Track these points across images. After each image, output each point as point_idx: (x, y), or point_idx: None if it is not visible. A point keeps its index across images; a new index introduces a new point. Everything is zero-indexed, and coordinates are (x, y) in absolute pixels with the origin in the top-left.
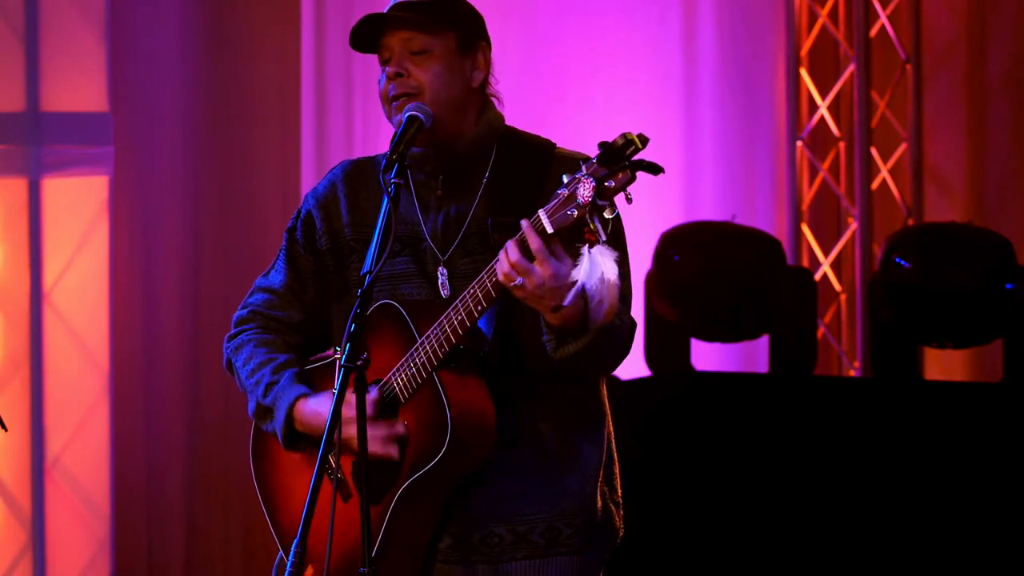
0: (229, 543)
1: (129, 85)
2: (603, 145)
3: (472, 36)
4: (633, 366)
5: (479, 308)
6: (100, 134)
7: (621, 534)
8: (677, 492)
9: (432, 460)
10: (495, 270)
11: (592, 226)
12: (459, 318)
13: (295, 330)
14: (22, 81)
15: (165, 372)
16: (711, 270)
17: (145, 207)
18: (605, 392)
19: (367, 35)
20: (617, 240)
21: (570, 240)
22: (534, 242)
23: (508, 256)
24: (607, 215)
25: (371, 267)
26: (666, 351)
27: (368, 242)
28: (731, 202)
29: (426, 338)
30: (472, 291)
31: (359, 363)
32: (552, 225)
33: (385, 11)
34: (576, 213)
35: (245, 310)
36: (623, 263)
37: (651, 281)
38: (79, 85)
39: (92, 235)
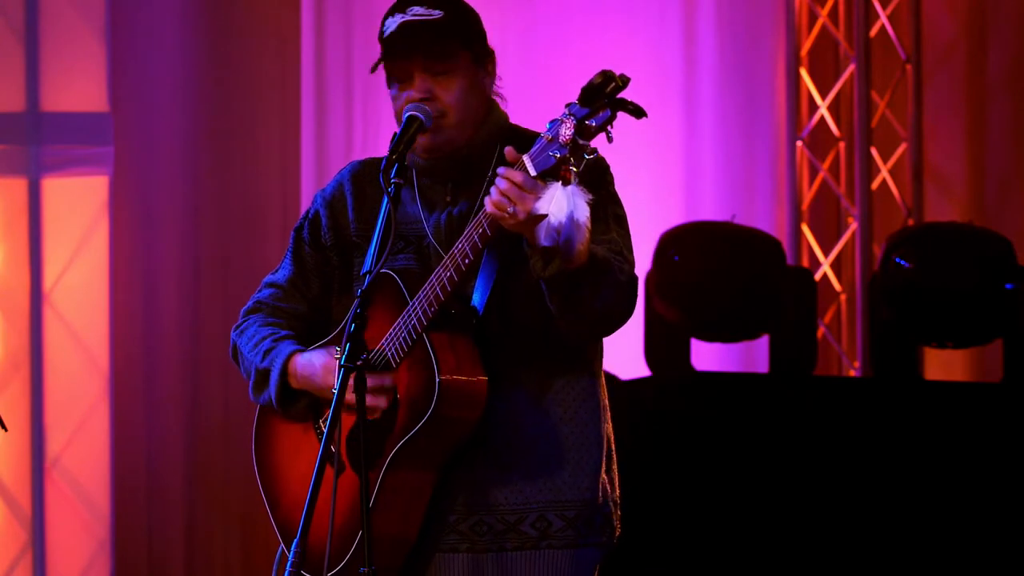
0: (229, 543)
1: (129, 85)
2: (584, 86)
3: (483, 48)
4: (633, 366)
5: (466, 262)
6: (100, 134)
7: (618, 533)
8: (677, 492)
9: (421, 420)
10: (480, 221)
11: (571, 165)
12: (447, 275)
13: (300, 321)
14: (22, 81)
15: (165, 372)
16: (711, 270)
17: (145, 207)
18: (605, 388)
19: (390, 56)
20: (614, 203)
21: (553, 182)
22: (516, 176)
23: (498, 185)
24: (588, 155)
25: (371, 267)
26: (666, 351)
27: (372, 239)
28: (731, 202)
29: (417, 299)
30: (459, 246)
31: (359, 363)
32: (535, 168)
33: (392, 30)
34: (558, 154)
35: (252, 302)
36: (620, 222)
37: (651, 281)
38: (79, 85)
39: (92, 235)
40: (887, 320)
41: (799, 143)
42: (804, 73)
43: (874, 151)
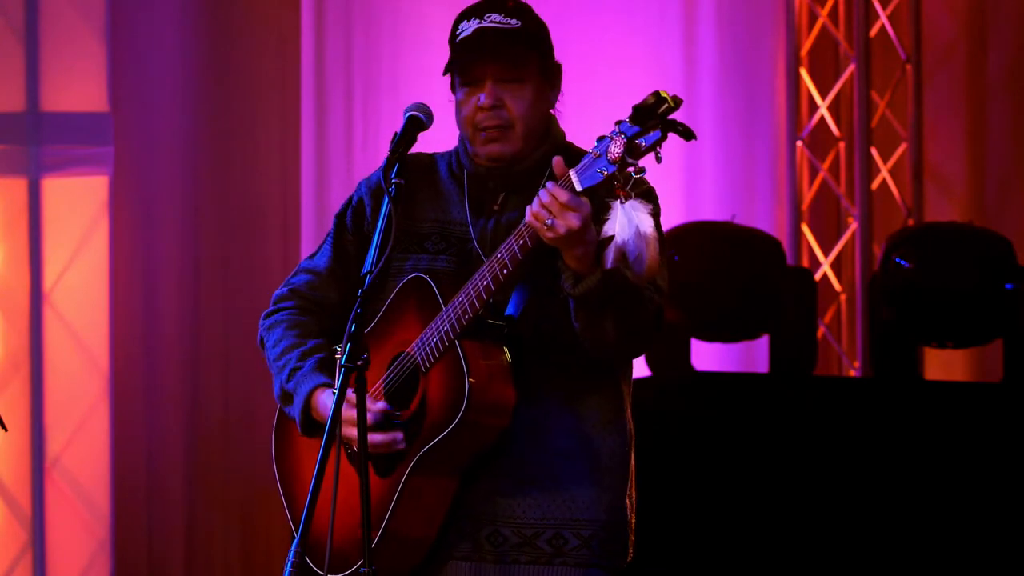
0: (229, 543)
1: (129, 85)
2: (635, 105)
3: (553, 62)
4: (633, 366)
5: (504, 272)
6: (100, 134)
7: (630, 557)
8: (677, 492)
9: (448, 426)
10: (522, 232)
11: (621, 183)
12: (484, 283)
13: (331, 311)
14: (22, 81)
15: (165, 372)
16: (711, 270)
17: (145, 207)
18: (631, 419)
19: (459, 59)
20: (651, 203)
21: (599, 199)
22: (562, 195)
23: (541, 197)
24: (635, 174)
25: (371, 267)
26: (666, 351)
27: (416, 234)
28: (731, 202)
29: (451, 306)
30: (499, 256)
31: (359, 363)
32: (582, 183)
33: (467, 34)
34: (606, 171)
35: (285, 288)
36: (658, 229)
37: None
38: (79, 85)
39: (92, 235)
40: (887, 320)
41: (799, 143)
42: (804, 73)
43: (874, 151)
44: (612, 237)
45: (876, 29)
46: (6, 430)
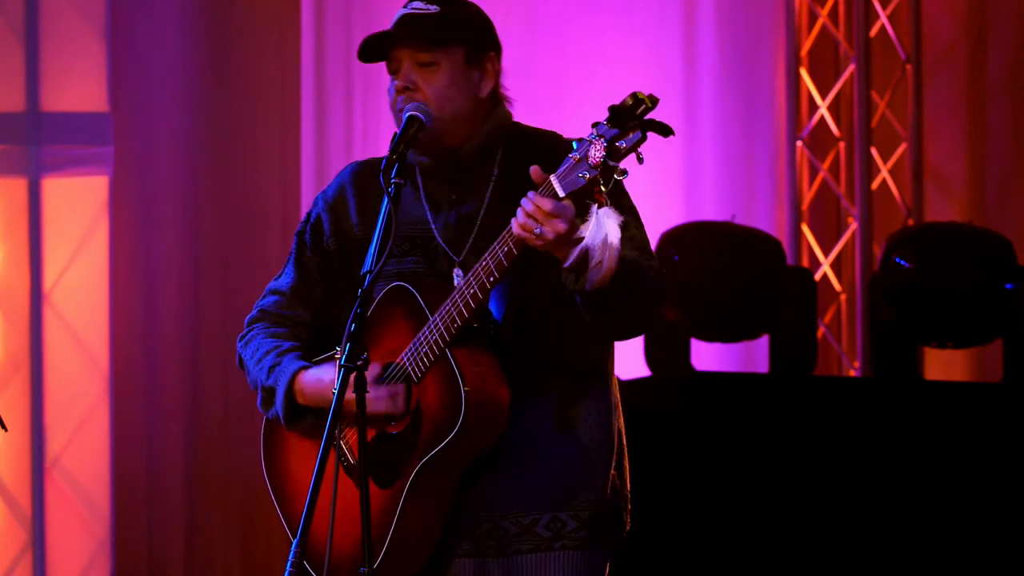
0: (229, 543)
1: (129, 85)
2: (613, 107)
3: (480, 47)
4: (633, 366)
5: (491, 279)
6: (100, 134)
7: (627, 529)
8: (677, 492)
9: (447, 436)
10: (506, 240)
11: (603, 187)
12: (471, 291)
13: (306, 328)
14: (22, 81)
15: (165, 372)
16: (711, 270)
17: (145, 207)
18: (616, 386)
19: (376, 46)
20: (620, 195)
21: (581, 202)
22: (546, 204)
23: (525, 207)
24: (618, 176)
25: (371, 267)
26: (666, 351)
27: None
28: (731, 202)
29: (438, 315)
30: (484, 263)
31: (359, 363)
32: (564, 189)
33: (392, 23)
34: (588, 175)
35: (256, 311)
36: (632, 214)
37: None
38: (79, 85)
39: (92, 235)
40: (887, 320)
41: (799, 143)
42: (804, 73)
43: (874, 151)
44: (582, 238)
45: (876, 29)
46: (6, 430)
